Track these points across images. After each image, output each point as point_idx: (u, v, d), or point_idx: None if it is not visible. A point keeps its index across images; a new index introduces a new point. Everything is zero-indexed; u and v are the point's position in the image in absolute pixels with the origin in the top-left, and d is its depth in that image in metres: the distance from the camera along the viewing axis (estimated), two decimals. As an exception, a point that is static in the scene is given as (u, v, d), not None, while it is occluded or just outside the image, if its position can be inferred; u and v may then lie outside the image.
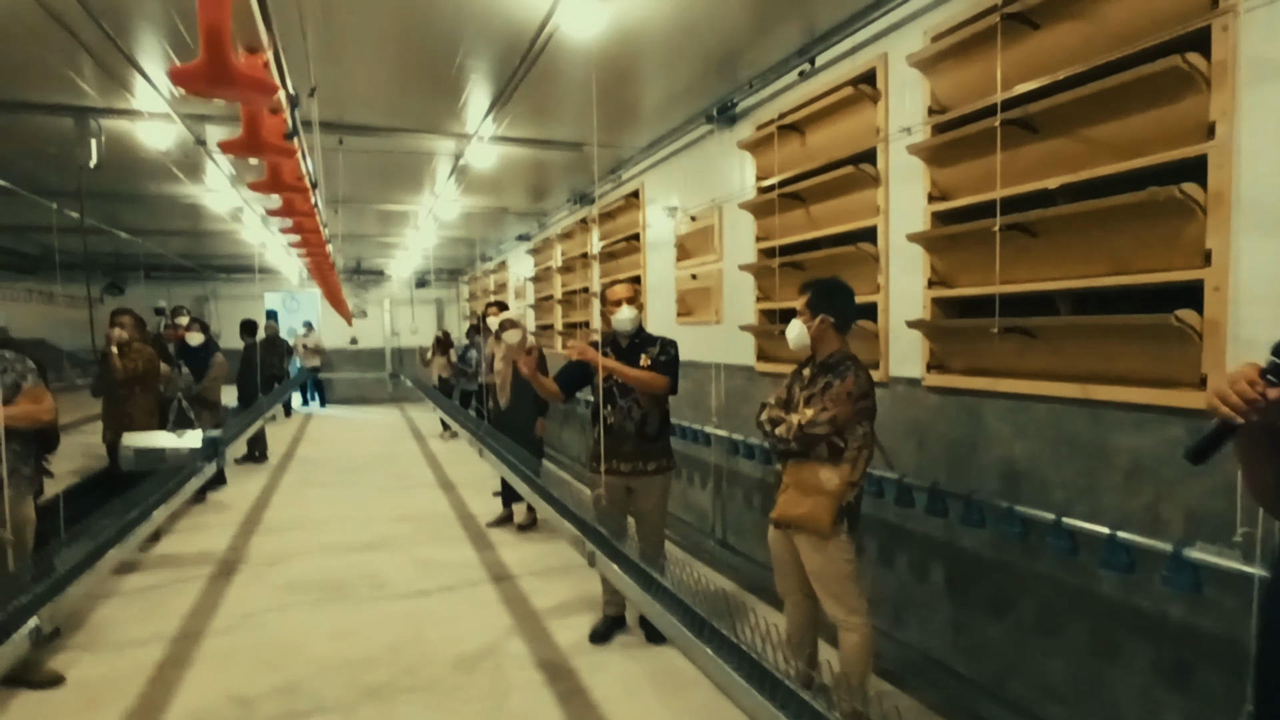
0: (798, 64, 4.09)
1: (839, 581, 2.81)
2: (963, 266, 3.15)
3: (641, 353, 3.81)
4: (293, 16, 3.48)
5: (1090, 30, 2.53)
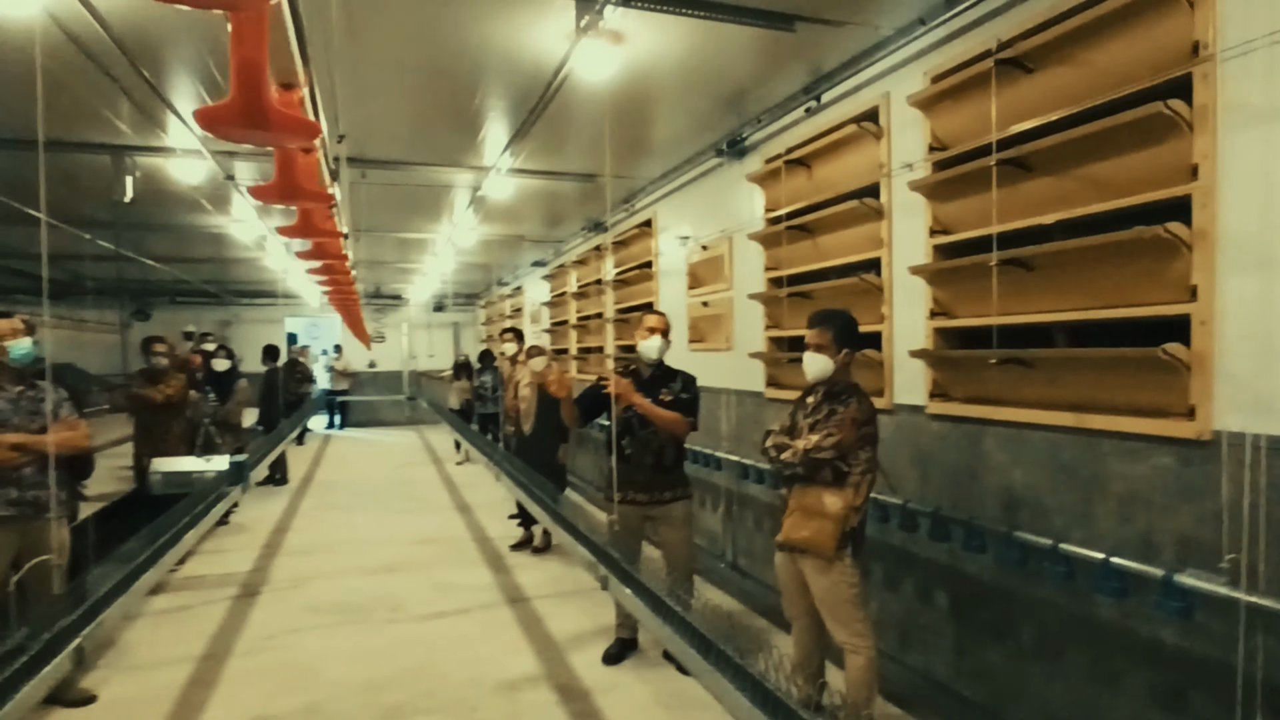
0: (804, 101, 4.23)
1: (843, 605, 2.88)
2: (963, 298, 3.26)
3: (663, 386, 3.85)
4: (320, 58, 3.67)
5: (1080, 75, 2.65)
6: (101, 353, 13.76)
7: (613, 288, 7.83)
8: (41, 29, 3.28)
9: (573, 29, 3.21)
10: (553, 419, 5.95)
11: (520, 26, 3.46)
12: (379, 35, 3.65)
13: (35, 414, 3.52)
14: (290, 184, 1.82)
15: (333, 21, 3.25)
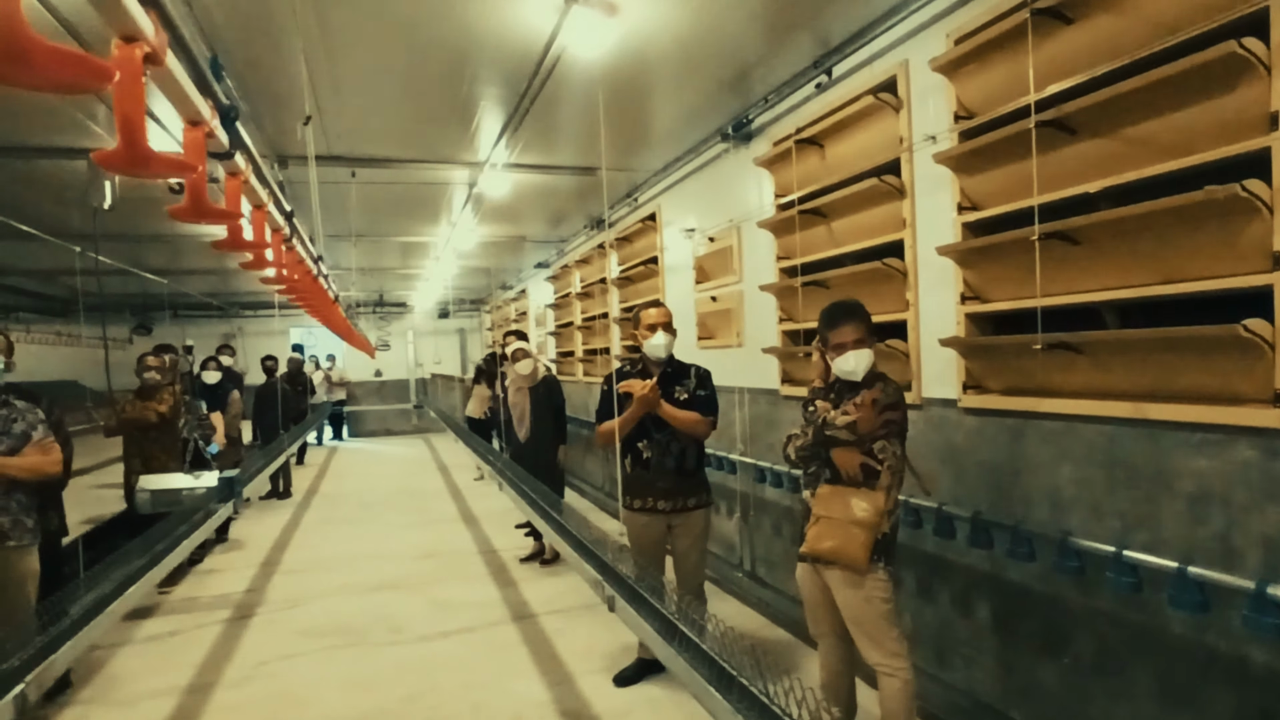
0: (814, 76, 3.94)
1: (875, 622, 2.59)
2: (998, 279, 2.96)
3: (676, 384, 3.57)
4: (294, 47, 3.42)
5: (1128, 22, 2.35)
6: (101, 369, 13.59)
7: (617, 286, 7.55)
8: None
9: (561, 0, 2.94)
10: (548, 422, 5.69)
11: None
12: (356, 22, 3.38)
13: (4, 434, 3.28)
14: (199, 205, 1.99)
15: (295, 7, 3.00)
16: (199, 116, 1.91)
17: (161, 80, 1.70)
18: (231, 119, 2.18)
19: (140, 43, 1.43)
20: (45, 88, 1.18)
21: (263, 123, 4.59)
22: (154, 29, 1.50)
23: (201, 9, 3.12)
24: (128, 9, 1.37)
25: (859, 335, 2.65)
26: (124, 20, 1.39)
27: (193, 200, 1.89)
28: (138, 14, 1.42)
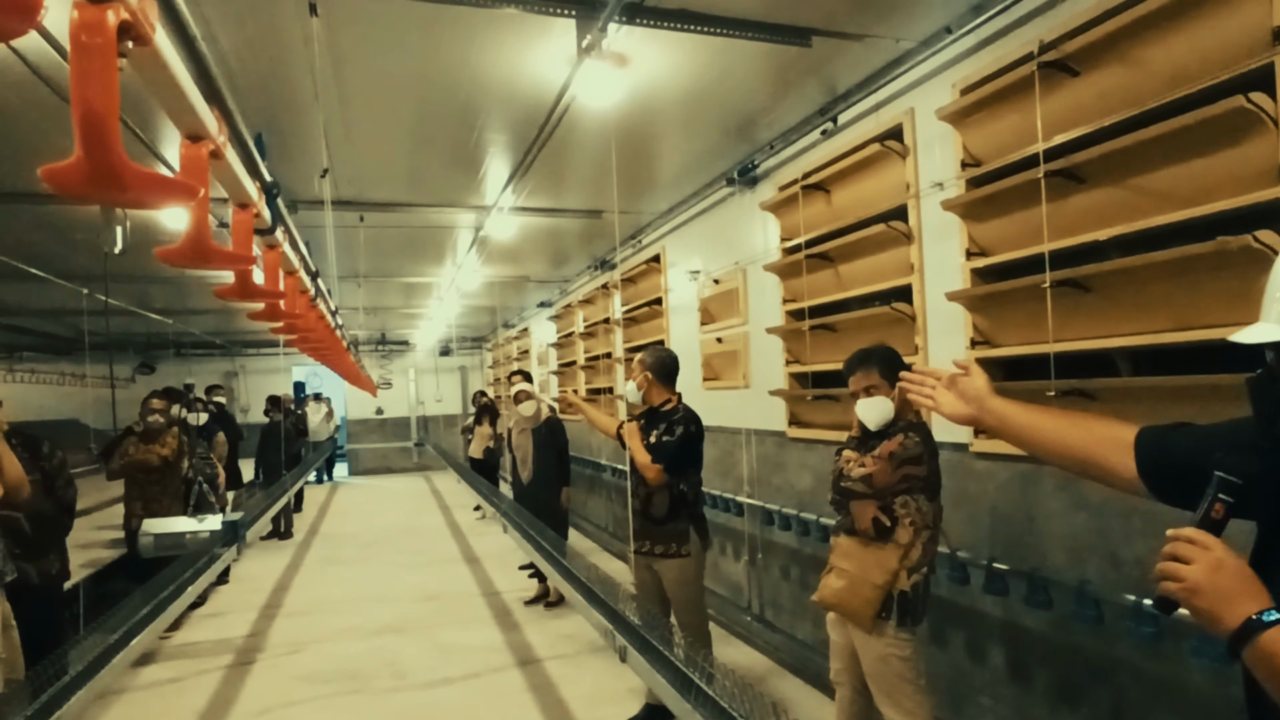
0: (819, 123, 4.00)
1: (891, 680, 2.55)
2: (1008, 325, 2.97)
3: (654, 428, 3.63)
4: (307, 98, 3.47)
5: (1135, 75, 2.40)
6: (105, 408, 13.55)
7: (621, 326, 7.57)
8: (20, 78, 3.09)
9: (574, 52, 3.00)
10: (551, 463, 5.67)
11: (518, 52, 3.25)
12: (369, 72, 3.46)
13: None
14: (202, 247, 1.52)
15: (316, 60, 3.06)
16: (249, 200, 1.89)
17: (220, 172, 1.70)
18: (274, 195, 2.20)
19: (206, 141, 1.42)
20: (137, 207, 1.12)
21: (275, 169, 4.63)
22: (218, 126, 1.50)
23: (220, 61, 3.18)
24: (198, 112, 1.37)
25: (871, 382, 2.65)
26: (193, 121, 1.39)
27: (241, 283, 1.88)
28: (205, 115, 1.42)
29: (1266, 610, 0.95)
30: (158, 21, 1.17)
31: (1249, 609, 0.96)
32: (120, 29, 1.02)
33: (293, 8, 2.80)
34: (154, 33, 1.16)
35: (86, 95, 0.97)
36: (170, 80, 1.27)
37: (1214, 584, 0.99)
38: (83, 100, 0.97)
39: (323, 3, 2.75)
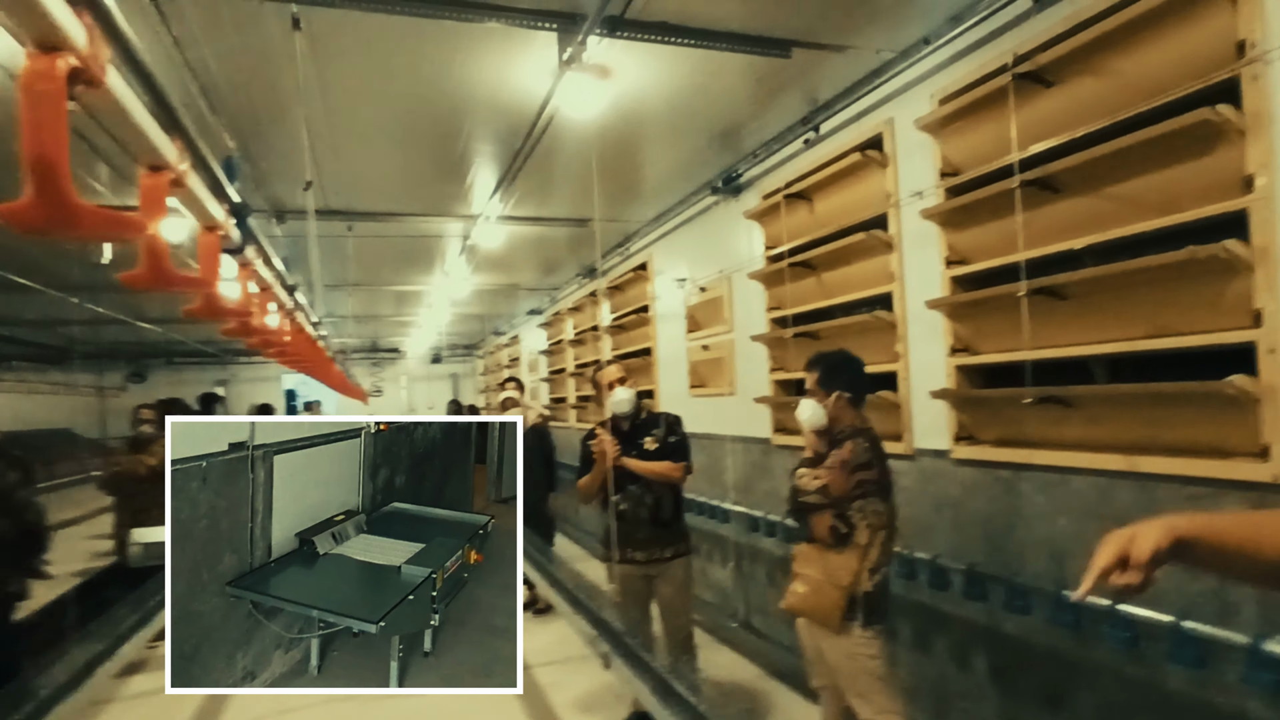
0: (802, 132, 4.04)
1: (862, 679, 2.58)
2: (987, 332, 3.00)
3: (646, 435, 3.62)
4: (294, 112, 3.48)
5: (1107, 86, 2.44)
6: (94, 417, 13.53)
7: (610, 333, 7.60)
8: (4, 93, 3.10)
9: (556, 64, 3.02)
10: (538, 469, 5.67)
11: (502, 64, 3.28)
12: (354, 85, 3.48)
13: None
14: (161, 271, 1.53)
15: (300, 74, 3.07)
16: (214, 222, 1.91)
17: (183, 198, 1.72)
18: (244, 217, 2.21)
19: (166, 171, 1.44)
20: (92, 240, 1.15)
21: (264, 180, 4.65)
22: (178, 155, 1.52)
23: (205, 74, 3.19)
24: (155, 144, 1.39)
25: (809, 385, 2.73)
26: (150, 153, 1.41)
27: (206, 302, 1.89)
28: (164, 146, 1.44)
29: None
30: (108, 63, 1.19)
31: None
32: (71, 75, 1.05)
33: (276, 23, 2.82)
34: (105, 75, 1.17)
35: (38, 140, 1.01)
36: (124, 117, 1.29)
37: None
38: (34, 145, 1.01)
39: (305, 18, 2.76)
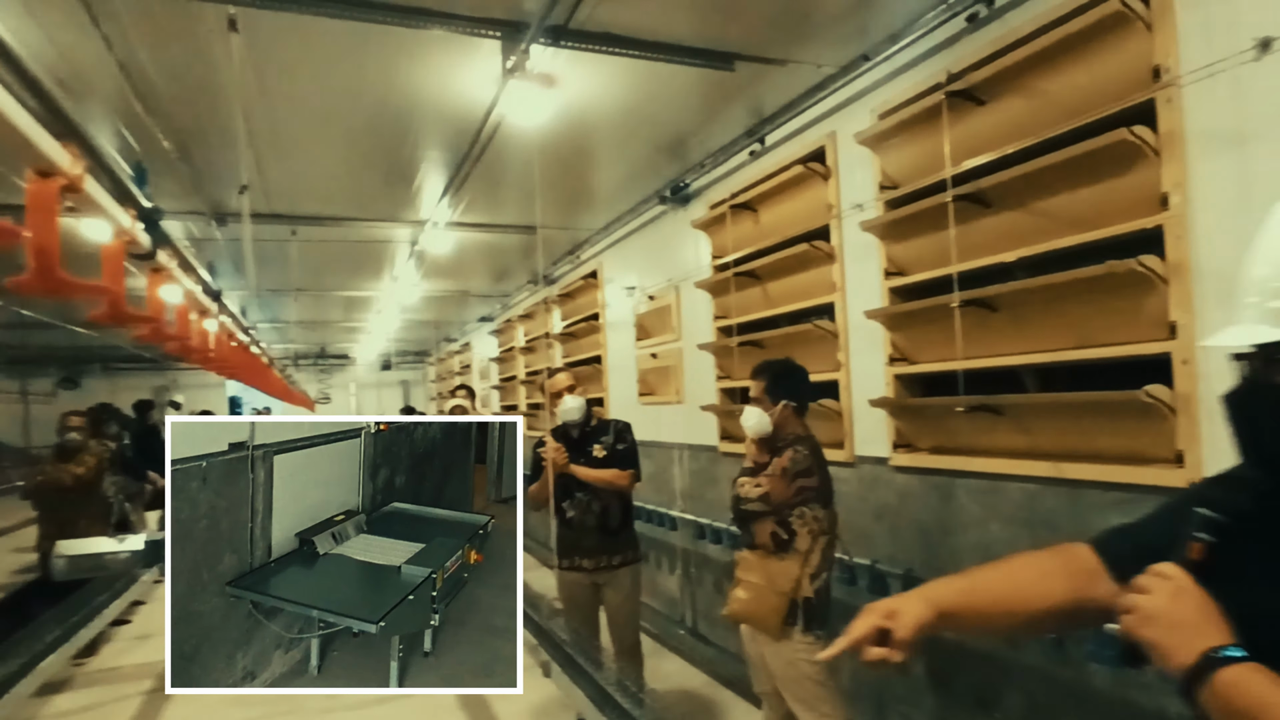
0: (747, 144, 4.09)
1: (803, 685, 2.60)
2: (924, 342, 3.08)
3: (594, 442, 3.63)
4: (234, 112, 3.41)
5: (1035, 105, 2.52)
6: (16, 424, 13.01)
7: (560, 341, 7.58)
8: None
9: (500, 72, 3.01)
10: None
11: (446, 70, 3.26)
12: (295, 87, 3.42)
13: None
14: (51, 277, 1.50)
15: (237, 76, 3.01)
16: (120, 228, 1.85)
17: (81, 203, 1.66)
18: (155, 221, 2.15)
19: (57, 176, 1.40)
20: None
21: (201, 182, 4.54)
22: (71, 160, 1.47)
23: (140, 75, 3.11)
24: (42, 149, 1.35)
25: (755, 393, 2.75)
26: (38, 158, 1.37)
27: (111, 308, 1.83)
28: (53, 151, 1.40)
29: (1228, 645, 0.82)
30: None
31: (1207, 643, 0.83)
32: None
33: (214, 24, 2.76)
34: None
35: None
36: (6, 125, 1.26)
37: (1170, 613, 0.87)
38: None
39: (244, 20, 2.71)
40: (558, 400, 3.64)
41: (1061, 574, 1.13)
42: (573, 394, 3.63)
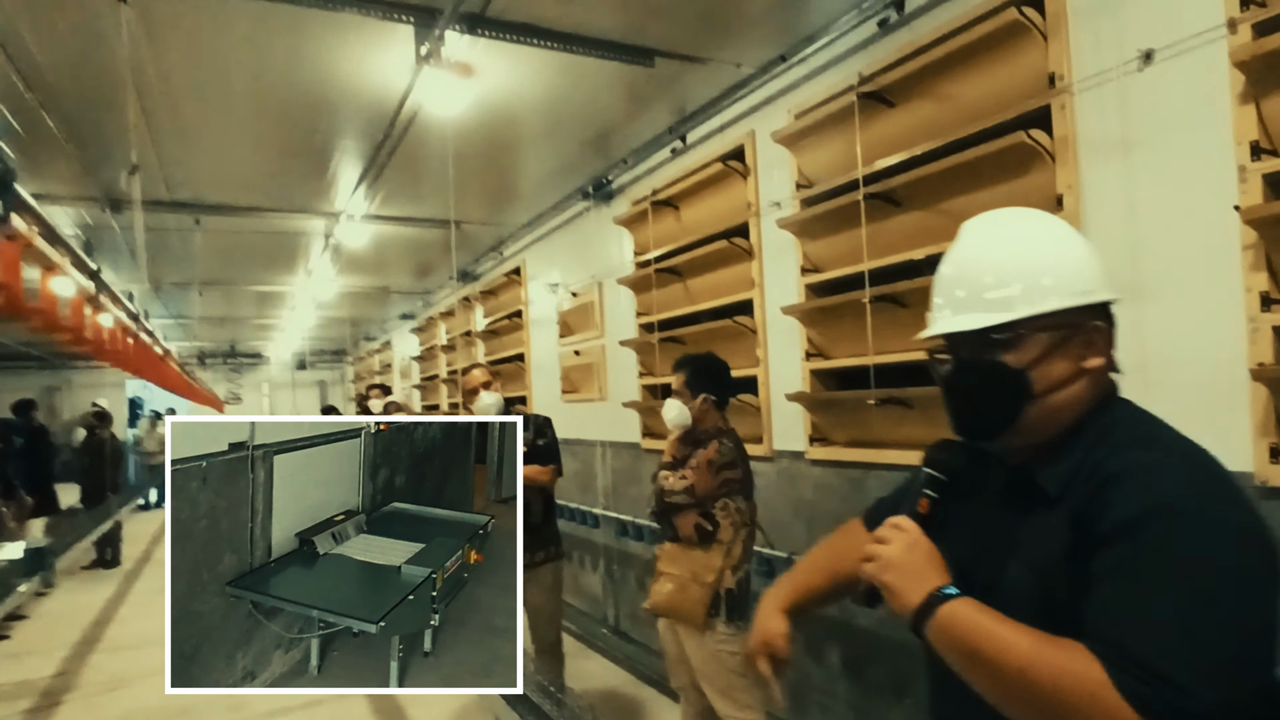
0: (670, 141, 4.11)
1: (723, 676, 2.63)
2: (838, 338, 3.15)
3: None
4: (126, 94, 3.22)
5: (942, 108, 2.61)
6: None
7: (482, 339, 7.47)
8: None
9: (414, 59, 2.94)
10: None
11: (360, 55, 3.15)
12: (194, 66, 3.25)
13: None
14: None
15: (126, 51, 2.84)
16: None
17: None
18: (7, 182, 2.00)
19: None
20: None
21: (94, 166, 4.28)
22: None
23: (19, 48, 2.91)
24: None
25: (677, 387, 2.77)
26: None
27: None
28: None
29: (947, 586, 0.98)
30: None
31: (931, 585, 0.98)
32: None
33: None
34: None
35: None
36: None
37: (904, 561, 1.01)
38: None
39: (135, -9, 2.57)
40: (473, 397, 3.57)
41: (845, 549, 1.35)
42: (489, 390, 3.57)
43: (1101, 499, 0.92)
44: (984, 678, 0.93)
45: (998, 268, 1.05)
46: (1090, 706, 0.81)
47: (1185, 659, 0.80)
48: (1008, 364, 1.02)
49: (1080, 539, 0.93)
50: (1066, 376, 1.02)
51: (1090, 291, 1.04)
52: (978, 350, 1.05)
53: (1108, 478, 0.93)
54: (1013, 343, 1.02)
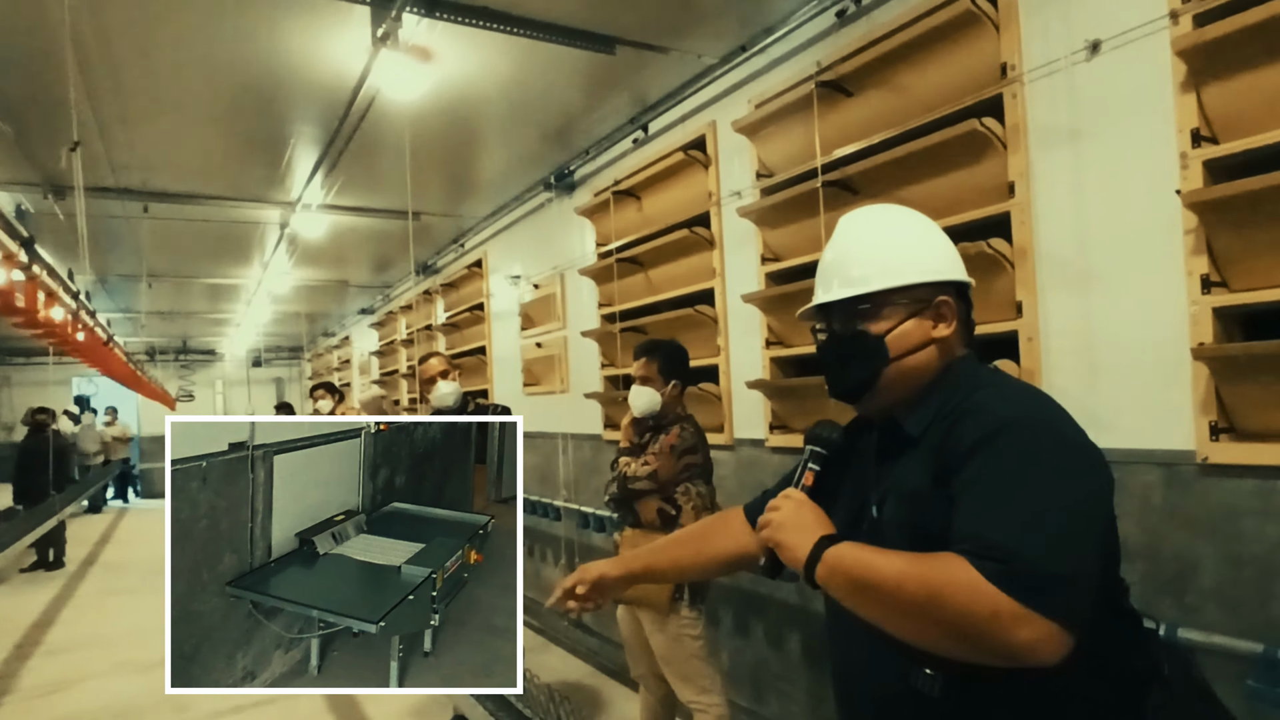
0: (631, 131, 4.11)
1: (686, 661, 2.64)
2: (797, 326, 3.17)
3: None
4: (66, 74, 3.12)
5: (898, 97, 2.64)
6: None
7: (443, 332, 7.39)
8: None
9: (370, 41, 2.89)
10: None
11: (314, 36, 3.09)
12: (141, 50, 3.16)
13: None
14: None
15: (67, 24, 2.74)
16: None
17: None
18: None
19: None
20: None
21: (33, 150, 4.13)
22: None
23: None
24: None
25: (645, 373, 2.77)
26: None
27: None
28: None
29: (832, 534, 1.10)
30: None
31: (818, 535, 1.09)
32: None
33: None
34: None
35: None
36: None
37: (793, 520, 1.13)
38: None
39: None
40: (430, 386, 3.54)
41: (721, 534, 1.50)
42: (446, 379, 3.53)
43: (956, 430, 1.05)
44: (872, 605, 1.02)
45: (862, 252, 1.22)
46: (965, 597, 0.90)
47: (1033, 538, 0.91)
48: (869, 332, 1.17)
49: (941, 467, 1.05)
50: (919, 343, 1.17)
51: (939, 271, 1.19)
52: (845, 322, 1.20)
53: (959, 412, 1.07)
54: (872, 313, 1.17)
